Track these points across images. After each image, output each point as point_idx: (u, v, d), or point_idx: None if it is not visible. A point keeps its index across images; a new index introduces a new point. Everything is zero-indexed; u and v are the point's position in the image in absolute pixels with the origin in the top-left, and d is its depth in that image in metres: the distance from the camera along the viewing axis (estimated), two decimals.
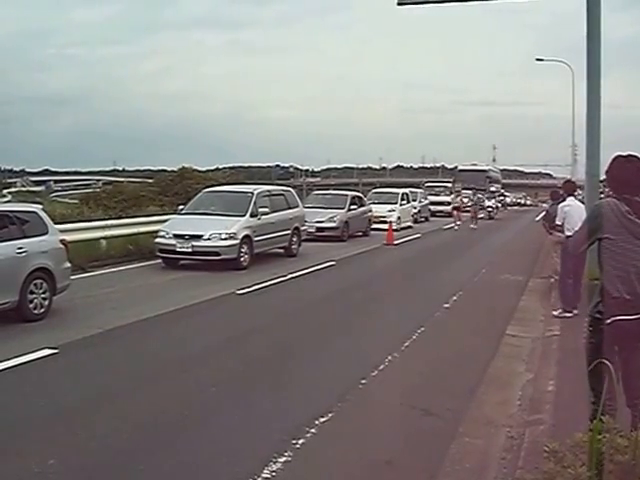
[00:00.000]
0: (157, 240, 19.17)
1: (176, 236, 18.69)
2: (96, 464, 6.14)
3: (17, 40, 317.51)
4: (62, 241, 13.02)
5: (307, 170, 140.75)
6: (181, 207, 21.50)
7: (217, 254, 18.42)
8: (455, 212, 40.73)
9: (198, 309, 13.21)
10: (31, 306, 11.78)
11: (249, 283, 15.66)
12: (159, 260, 19.13)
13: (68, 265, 13.07)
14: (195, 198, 21.96)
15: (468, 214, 41.23)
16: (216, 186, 25.98)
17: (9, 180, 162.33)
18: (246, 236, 19.04)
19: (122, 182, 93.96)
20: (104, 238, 20.23)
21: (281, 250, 21.51)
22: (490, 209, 47.98)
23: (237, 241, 18.65)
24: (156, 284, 16.30)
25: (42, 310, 11.99)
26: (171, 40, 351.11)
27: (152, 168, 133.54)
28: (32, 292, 11.82)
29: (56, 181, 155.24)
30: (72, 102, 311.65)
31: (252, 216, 19.73)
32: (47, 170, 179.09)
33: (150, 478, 5.92)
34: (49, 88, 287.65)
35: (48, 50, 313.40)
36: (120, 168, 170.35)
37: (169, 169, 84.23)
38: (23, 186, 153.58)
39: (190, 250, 18.53)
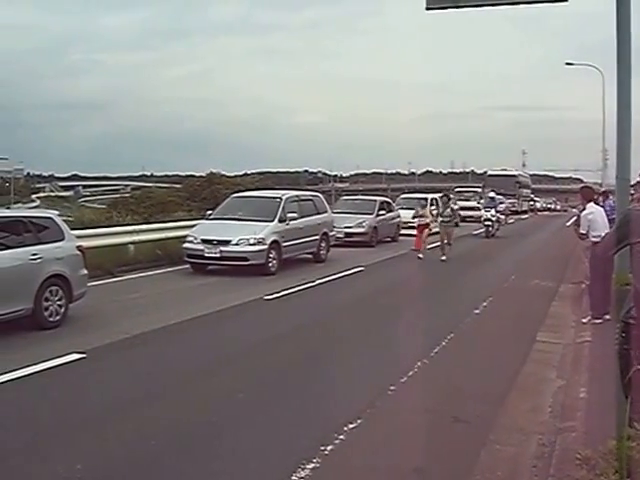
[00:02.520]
0: (185, 245, 19.17)
1: (204, 241, 18.69)
2: (123, 470, 6.13)
3: (47, 46, 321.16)
4: (79, 247, 12.81)
5: (335, 175, 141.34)
6: (209, 212, 21.51)
7: (245, 259, 18.40)
8: (419, 233, 25.59)
9: (226, 314, 13.19)
10: (46, 314, 11.56)
11: (277, 289, 15.63)
12: (187, 265, 19.15)
13: (85, 272, 12.83)
14: (223, 203, 21.98)
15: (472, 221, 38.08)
16: (244, 191, 26.02)
17: (38, 185, 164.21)
18: (274, 241, 19.00)
19: (150, 187, 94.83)
20: (132, 243, 20.30)
21: (309, 255, 21.48)
22: (489, 223, 34.53)
23: (265, 246, 18.61)
24: (184, 289, 16.32)
25: (58, 318, 11.76)
26: (200, 46, 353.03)
27: (180, 173, 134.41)
28: (47, 299, 11.59)
29: (85, 186, 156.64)
30: (101, 107, 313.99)
31: (280, 221, 19.70)
32: (76, 175, 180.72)
33: None
34: (78, 93, 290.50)
35: (76, 56, 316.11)
36: (148, 173, 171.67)
37: (197, 174, 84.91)
38: (52, 191, 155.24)
39: (218, 255, 18.50)
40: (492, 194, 38.29)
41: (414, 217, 26.92)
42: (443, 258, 23.19)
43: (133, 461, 6.31)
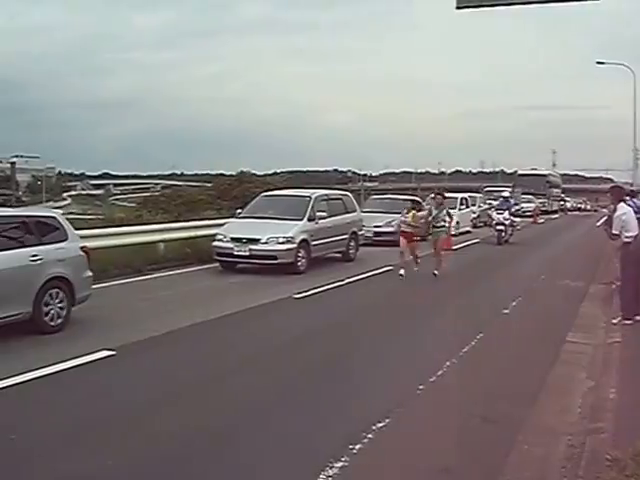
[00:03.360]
0: (215, 243, 19.22)
1: (233, 239, 18.75)
2: (154, 466, 6.19)
3: (78, 46, 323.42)
4: (83, 248, 12.28)
5: (365, 174, 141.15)
6: (239, 211, 21.54)
7: (274, 258, 18.42)
8: (404, 239, 19.29)
9: (255, 313, 13.24)
10: (47, 318, 11.08)
11: (307, 287, 15.65)
12: (216, 264, 19.22)
13: (89, 274, 12.30)
14: (253, 202, 21.99)
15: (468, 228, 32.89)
16: (274, 190, 26.05)
17: (69, 183, 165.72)
18: (303, 240, 19.01)
19: (181, 186, 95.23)
20: (162, 241, 20.40)
21: (338, 255, 21.46)
22: (500, 227, 29.56)
23: (294, 245, 18.63)
24: (213, 288, 16.40)
25: (59, 322, 11.28)
26: (230, 45, 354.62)
27: (210, 172, 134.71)
28: (48, 303, 11.10)
29: (115, 184, 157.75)
30: (131, 106, 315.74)
31: (310, 220, 19.70)
32: (107, 174, 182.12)
33: None
34: (108, 92, 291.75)
35: (107, 55, 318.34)
36: (179, 172, 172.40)
37: (227, 173, 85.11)
38: (83, 189, 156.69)
39: (247, 254, 18.54)
40: (506, 193, 33.42)
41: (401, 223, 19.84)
42: (435, 272, 18.50)
43: (162, 458, 6.36)
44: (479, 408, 7.75)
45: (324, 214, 20.23)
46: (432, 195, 21.99)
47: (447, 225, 19.90)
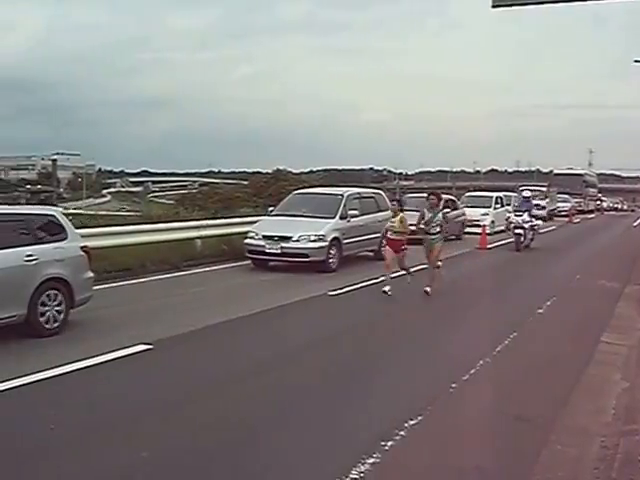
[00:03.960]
0: (247, 241, 19.24)
1: (265, 237, 18.75)
2: (187, 459, 6.25)
3: (117, 45, 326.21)
4: (84, 248, 11.75)
5: (400, 173, 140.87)
6: (271, 208, 21.55)
7: (306, 256, 18.39)
8: (387, 247, 16.25)
9: (290, 309, 13.30)
10: (42, 320, 10.60)
11: (340, 285, 15.67)
12: (250, 261, 19.31)
13: (90, 275, 11.79)
14: (285, 200, 22.01)
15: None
16: (307, 188, 26.06)
17: (109, 180, 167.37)
18: (335, 238, 18.94)
19: (217, 183, 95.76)
20: (199, 238, 20.56)
21: (370, 253, 21.30)
22: (519, 231, 26.26)
23: (326, 243, 18.58)
24: (248, 284, 16.49)
25: (56, 324, 10.80)
26: (265, 45, 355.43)
27: (247, 170, 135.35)
28: (44, 305, 10.62)
29: (154, 182, 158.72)
30: (169, 105, 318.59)
31: (342, 218, 19.62)
32: (145, 171, 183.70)
33: (239, 476, 5.99)
34: (147, 92, 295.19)
35: (146, 54, 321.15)
36: (216, 170, 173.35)
37: (264, 171, 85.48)
38: (122, 187, 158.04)
39: (279, 251, 18.54)
40: (527, 193, 29.00)
41: (387, 230, 16.50)
42: (427, 289, 15.33)
43: (197, 451, 6.43)
44: (512, 407, 7.75)
45: (356, 212, 20.13)
46: (427, 194, 17.62)
47: (442, 231, 16.16)
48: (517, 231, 26.33)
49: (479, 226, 29.40)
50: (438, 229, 15.94)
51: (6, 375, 8.19)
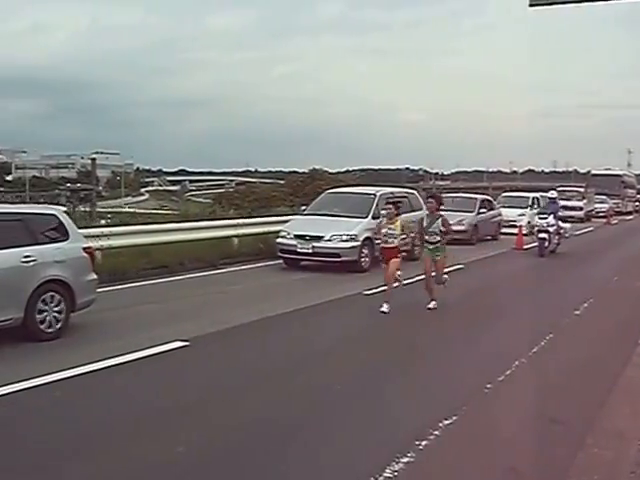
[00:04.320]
0: (278, 240, 19.18)
1: (297, 237, 18.70)
2: (222, 455, 6.31)
3: (155, 45, 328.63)
4: (87, 249, 11.37)
5: (437, 173, 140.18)
6: (303, 208, 21.48)
7: (337, 255, 18.27)
8: (386, 263, 14.00)
9: (325, 308, 13.32)
10: (40, 323, 10.21)
11: (375, 284, 15.64)
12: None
13: (93, 277, 11.32)
14: (318, 199, 21.90)
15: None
16: (340, 187, 25.99)
17: (147, 179, 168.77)
18: (367, 238, 18.71)
19: (254, 182, 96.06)
20: (236, 236, 20.67)
21: (403, 253, 21.08)
22: (543, 236, 24.14)
23: (358, 243, 18.44)
24: (284, 283, 16.55)
25: (56, 328, 10.39)
26: (304, 44, 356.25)
27: (283, 169, 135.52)
28: (43, 308, 10.24)
29: (191, 181, 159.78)
30: (207, 105, 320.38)
31: (374, 218, 19.10)
32: (183, 170, 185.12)
33: (273, 473, 6.01)
34: (185, 92, 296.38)
35: (184, 54, 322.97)
36: (252, 169, 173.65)
37: (300, 170, 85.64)
38: (160, 185, 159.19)
39: (310, 251, 18.47)
40: (553, 193, 26.24)
41: (375, 235, 15.46)
42: (430, 306, 13.37)
43: (230, 447, 6.49)
44: (548, 408, 7.69)
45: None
46: (428, 196, 16.40)
47: (443, 240, 13.94)
48: (541, 235, 24.21)
49: (515, 226, 29.19)
50: (438, 237, 13.73)
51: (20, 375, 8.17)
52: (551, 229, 24.26)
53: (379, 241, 14.27)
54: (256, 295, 14.65)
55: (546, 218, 24.46)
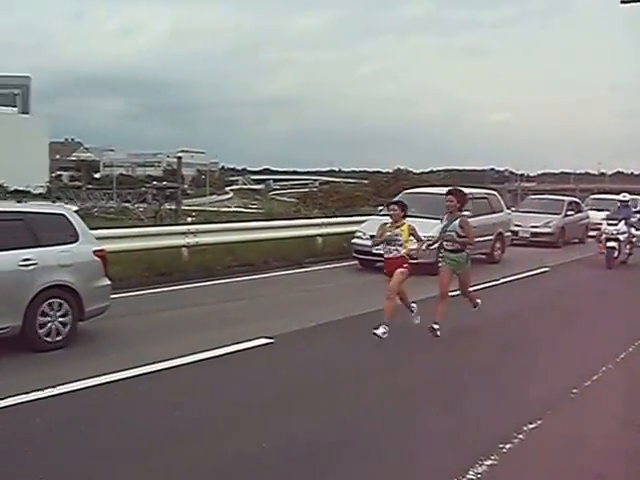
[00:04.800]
0: (354, 241, 18.97)
1: (372, 237, 18.46)
2: (305, 451, 6.39)
3: (241, 46, 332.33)
4: (98, 252, 10.43)
5: (522, 174, 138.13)
6: (380, 208, 21.20)
7: (413, 257, 17.93)
8: (388, 275, 11.71)
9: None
10: (42, 332, 9.42)
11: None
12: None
13: (105, 282, 10.46)
14: (394, 200, 21.51)
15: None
16: (418, 187, 25.76)
17: (231, 178, 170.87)
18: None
19: (338, 182, 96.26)
20: (320, 235, 20.78)
21: (482, 256, 20.68)
22: (612, 244, 21.11)
23: (435, 245, 18.15)
24: (368, 282, 16.51)
25: (60, 338, 9.60)
26: (389, 44, 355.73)
27: (367, 169, 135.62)
28: (45, 315, 9.46)
29: (275, 180, 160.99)
30: (291, 104, 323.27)
31: None
32: (267, 169, 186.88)
33: (359, 472, 6.06)
34: (269, 91, 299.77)
35: (269, 55, 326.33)
36: (336, 169, 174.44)
37: (384, 170, 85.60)
38: (244, 184, 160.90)
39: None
40: (625, 196, 22.96)
41: (375, 244, 12.46)
42: (436, 328, 10.78)
43: (314, 444, 6.55)
44: (636, 415, 7.54)
45: (467, 213, 19.50)
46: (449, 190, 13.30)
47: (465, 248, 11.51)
48: (610, 244, 21.04)
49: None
50: (454, 244, 11.38)
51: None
52: (622, 237, 21.43)
53: (379, 248, 11.72)
54: (342, 294, 14.71)
55: (616, 224, 21.52)
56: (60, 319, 9.64)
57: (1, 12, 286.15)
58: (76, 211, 11.08)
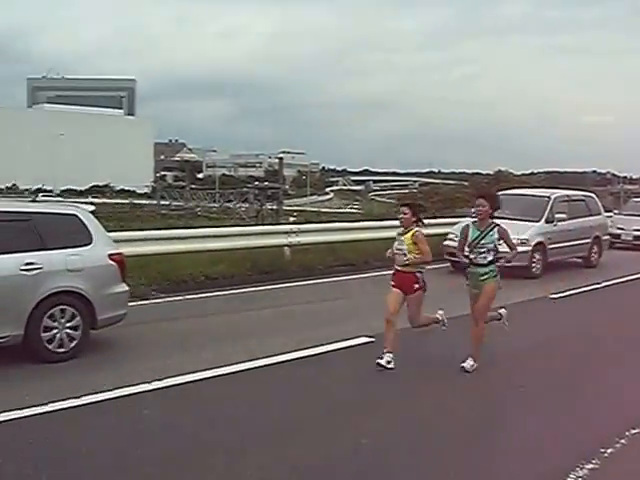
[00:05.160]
0: (445, 243, 18.63)
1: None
2: (403, 449, 6.50)
3: (338, 47, 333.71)
4: (114, 256, 9.63)
5: (625, 177, 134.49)
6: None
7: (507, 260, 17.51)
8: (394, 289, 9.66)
9: (511, 311, 12.96)
10: (48, 342, 8.73)
11: (554, 289, 15.20)
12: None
13: (121, 289, 9.69)
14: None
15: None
16: (514, 189, 25.34)
17: (332, 179, 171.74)
18: (539, 243, 18.03)
19: (437, 184, 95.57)
20: None
21: (579, 260, 20.23)
22: None
23: (529, 248, 17.59)
24: (457, 285, 16.35)
25: (68, 348, 8.84)
26: (488, 44, 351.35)
27: (467, 171, 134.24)
28: (50, 324, 8.77)
29: (374, 181, 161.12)
30: (389, 106, 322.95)
31: (547, 222, 18.63)
32: (367, 170, 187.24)
33: (458, 467, 6.13)
34: (369, 92, 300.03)
35: (367, 56, 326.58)
36: (436, 170, 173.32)
37: (483, 172, 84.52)
38: (344, 185, 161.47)
39: None
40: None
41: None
42: (467, 365, 8.96)
43: (412, 443, 6.67)
44: None
45: (564, 216, 19.01)
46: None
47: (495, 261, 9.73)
48: None
49: None
50: (489, 257, 9.61)
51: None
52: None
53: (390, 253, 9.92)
54: (438, 295, 14.50)
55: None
56: (68, 328, 8.90)
57: (107, 17, 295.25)
58: (92, 213, 10.35)
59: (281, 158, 61.73)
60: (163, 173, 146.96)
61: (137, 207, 67.55)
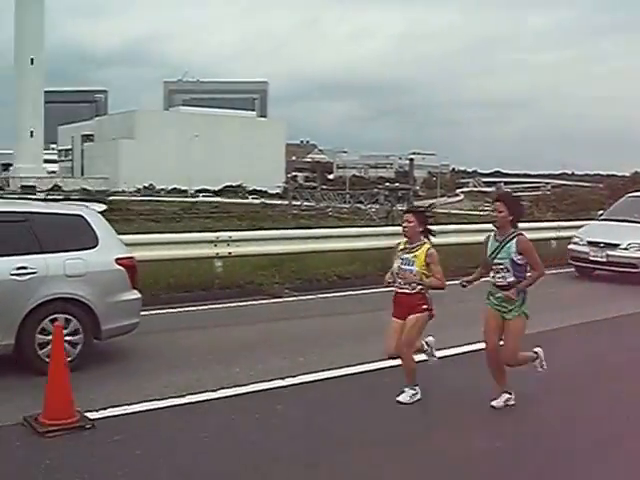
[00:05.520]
0: (570, 247, 18.16)
1: (590, 243, 17.37)
2: (534, 452, 6.58)
3: (471, 47, 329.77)
4: (123, 260, 8.85)
5: None
6: (600, 212, 20.06)
7: (634, 266, 16.63)
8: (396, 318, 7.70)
9: (624, 322, 12.63)
10: (42, 352, 8.00)
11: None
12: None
13: (130, 297, 8.88)
14: (616, 203, 20.11)
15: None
16: None
17: (462, 180, 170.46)
18: None
19: (571, 186, 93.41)
20: (555, 239, 20.53)
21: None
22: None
23: None
24: (586, 291, 16.18)
25: (67, 359, 7.18)
26: (623, 42, 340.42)
27: (601, 173, 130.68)
28: (46, 333, 8.03)
29: (506, 182, 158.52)
30: (522, 106, 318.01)
31: None
32: (498, 172, 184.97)
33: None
34: (501, 92, 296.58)
35: (500, 55, 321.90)
36: (569, 172, 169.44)
37: (619, 174, 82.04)
38: (475, 186, 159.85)
39: (604, 260, 17.06)
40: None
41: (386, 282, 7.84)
42: (494, 404, 7.54)
43: (545, 448, 6.75)
44: None
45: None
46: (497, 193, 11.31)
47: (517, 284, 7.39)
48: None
49: None
50: (509, 277, 7.41)
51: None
52: None
53: (390, 281, 7.77)
54: (554, 302, 13.78)
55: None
56: (67, 338, 7.96)
57: (236, 22, 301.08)
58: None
59: (412, 159, 61.97)
60: (294, 174, 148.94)
61: (268, 207, 68.72)
